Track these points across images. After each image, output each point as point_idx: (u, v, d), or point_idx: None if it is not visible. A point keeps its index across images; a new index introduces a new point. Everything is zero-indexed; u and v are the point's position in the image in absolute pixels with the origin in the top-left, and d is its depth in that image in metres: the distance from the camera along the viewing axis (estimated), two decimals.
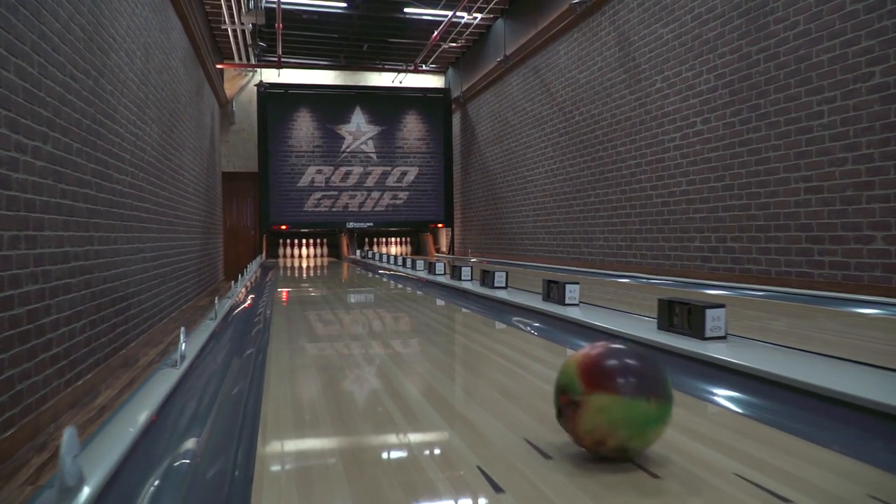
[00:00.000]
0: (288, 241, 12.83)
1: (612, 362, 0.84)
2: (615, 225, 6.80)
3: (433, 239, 13.58)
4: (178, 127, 7.46)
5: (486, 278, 3.43)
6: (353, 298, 3.85)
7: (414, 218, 12.40)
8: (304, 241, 12.91)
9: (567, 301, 2.54)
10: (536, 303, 2.66)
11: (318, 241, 13.18)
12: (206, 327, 2.18)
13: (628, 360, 0.84)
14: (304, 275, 7.03)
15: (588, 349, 0.88)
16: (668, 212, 5.87)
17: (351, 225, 12.20)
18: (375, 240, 13.70)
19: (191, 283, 8.24)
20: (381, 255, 9.03)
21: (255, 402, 1.27)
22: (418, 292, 4.03)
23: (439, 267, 4.82)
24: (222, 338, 2.18)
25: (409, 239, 13.80)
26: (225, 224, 13.11)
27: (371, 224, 12.26)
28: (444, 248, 13.74)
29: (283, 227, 11.99)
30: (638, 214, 6.36)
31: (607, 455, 0.86)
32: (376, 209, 12.30)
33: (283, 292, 4.43)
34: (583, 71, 7.47)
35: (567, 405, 0.85)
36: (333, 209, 12.17)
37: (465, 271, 3.99)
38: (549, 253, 8.42)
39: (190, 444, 1.07)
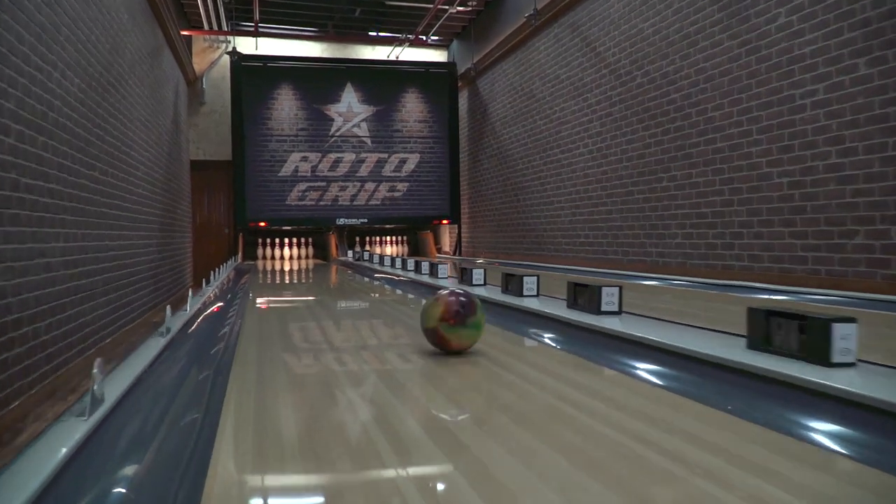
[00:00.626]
0: (268, 240, 11.08)
1: (457, 308, 1.65)
2: (705, 217, 5.12)
3: (434, 238, 11.91)
4: (121, 89, 5.68)
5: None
6: (342, 306, 3.44)
7: (415, 213, 10.68)
8: (286, 240, 11.16)
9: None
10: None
11: (304, 240, 11.46)
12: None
13: (464, 302, 1.67)
14: (286, 279, 6.36)
15: (445, 297, 1.68)
16: (803, 195, 4.21)
17: (341, 221, 10.44)
18: (368, 239, 12.02)
19: (144, 294, 6.45)
20: (375, 256, 7.86)
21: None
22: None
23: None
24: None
25: (405, 238, 12.13)
26: (194, 221, 11.29)
27: (365, 220, 10.52)
28: (447, 249, 12.04)
29: (262, 224, 10.21)
30: (746, 202, 4.69)
31: (456, 350, 1.73)
32: (371, 203, 10.56)
33: (259, 300, 3.84)
34: (649, 18, 5.79)
35: (434, 333, 1.70)
36: (321, 203, 10.41)
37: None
38: (597, 254, 6.74)
39: None
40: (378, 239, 12.28)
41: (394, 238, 12.32)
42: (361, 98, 10.49)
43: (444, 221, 10.78)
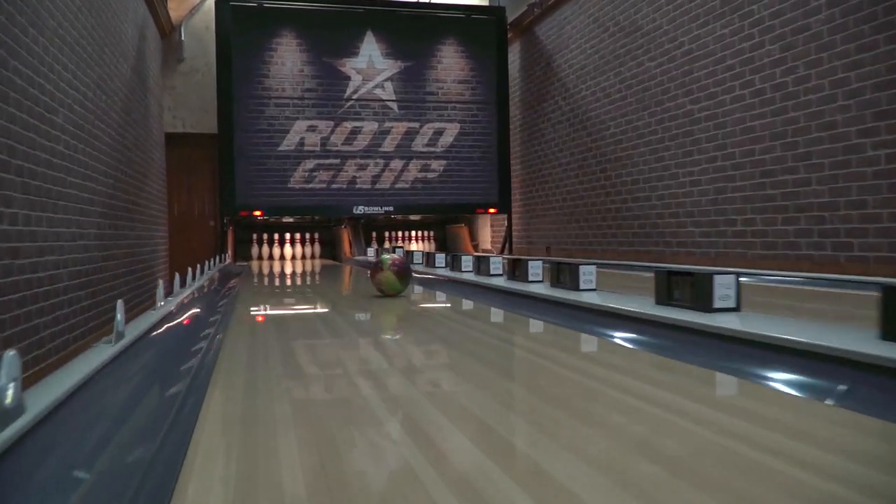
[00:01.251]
0: (264, 235, 8.73)
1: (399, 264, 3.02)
2: None
3: (469, 232, 9.57)
4: (30, 11, 3.31)
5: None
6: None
7: (454, 199, 8.31)
8: (287, 235, 8.82)
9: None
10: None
11: (309, 236, 9.14)
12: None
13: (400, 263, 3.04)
14: (287, 283, 5.17)
15: (394, 260, 3.06)
16: None
17: (360, 210, 8.06)
18: (388, 234, 9.72)
19: (69, 314, 4.08)
20: (412, 254, 5.94)
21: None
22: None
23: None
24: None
25: (432, 233, 9.79)
26: (171, 211, 8.90)
27: (390, 209, 8.14)
28: (486, 246, 9.67)
29: (257, 213, 7.83)
30: None
31: (385, 292, 3.03)
32: (398, 186, 8.18)
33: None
34: None
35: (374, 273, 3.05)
36: (333, 186, 8.03)
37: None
38: (773, 249, 4.36)
39: None
40: (400, 234, 9.98)
41: (420, 233, 10.04)
42: (385, 51, 8.11)
43: (491, 210, 8.41)
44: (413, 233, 10.01)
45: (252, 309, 3.10)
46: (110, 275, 5.25)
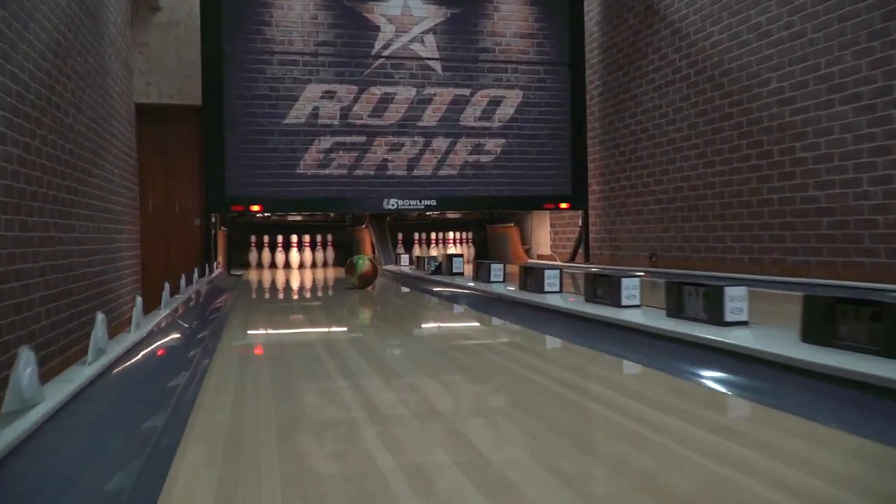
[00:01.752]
0: (265, 238, 6.80)
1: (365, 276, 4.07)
2: None
3: (520, 234, 7.63)
4: None
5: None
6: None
7: (515, 191, 6.30)
8: (294, 238, 6.90)
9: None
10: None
11: (321, 238, 7.24)
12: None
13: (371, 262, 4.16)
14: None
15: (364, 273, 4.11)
16: None
17: (392, 204, 6.05)
18: (417, 236, 7.81)
19: None
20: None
21: None
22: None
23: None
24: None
25: (469, 235, 7.86)
26: (144, 206, 6.89)
27: (433, 202, 6.13)
28: (543, 251, 7.69)
29: (256, 208, 5.83)
30: None
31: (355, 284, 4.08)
32: (442, 174, 6.17)
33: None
34: None
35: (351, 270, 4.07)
36: (356, 172, 6.02)
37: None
38: None
39: None
40: (434, 236, 8.02)
41: (458, 235, 8.10)
42: None
43: (563, 206, 6.40)
44: (452, 234, 8.04)
45: (242, 339, 2.40)
46: (46, 290, 3.25)
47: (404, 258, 6.16)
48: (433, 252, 7.90)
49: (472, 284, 3.64)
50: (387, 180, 6.02)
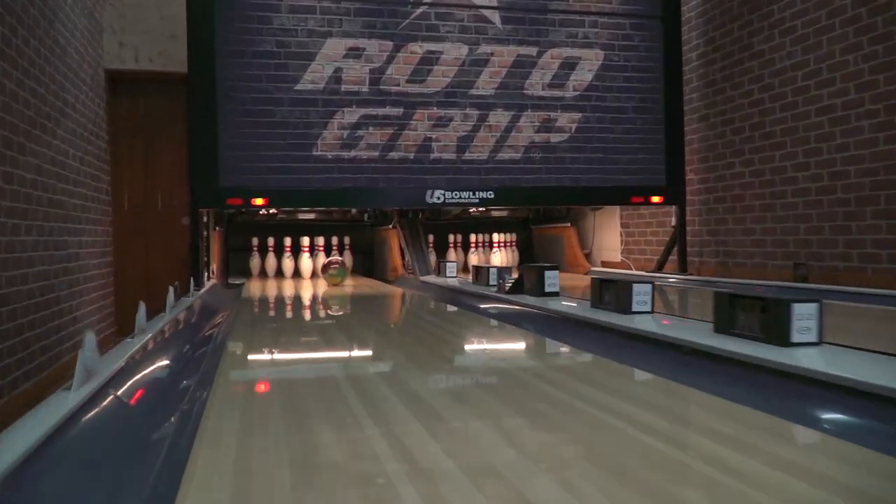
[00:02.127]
0: (269, 239, 5.43)
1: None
2: None
3: (578, 236, 6.27)
4: None
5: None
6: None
7: (593, 181, 4.87)
8: (306, 240, 5.55)
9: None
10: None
11: (337, 240, 5.93)
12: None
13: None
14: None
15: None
16: None
17: (438, 197, 4.62)
18: (452, 238, 6.52)
19: None
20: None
21: None
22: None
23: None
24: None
25: (513, 240, 6.53)
26: (118, 201, 5.48)
27: (490, 194, 4.69)
28: (611, 256, 6.31)
29: (259, 202, 4.40)
30: None
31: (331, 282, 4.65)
32: (502, 157, 4.73)
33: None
34: None
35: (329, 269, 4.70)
36: (392, 154, 4.59)
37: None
38: None
39: None
40: (475, 238, 6.70)
41: (503, 238, 6.76)
42: None
43: (654, 199, 4.95)
44: (496, 237, 6.64)
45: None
46: None
47: (450, 267, 4.75)
48: (473, 259, 6.51)
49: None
50: (431, 166, 4.58)
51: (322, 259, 6.40)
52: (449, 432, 1.26)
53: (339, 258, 5.30)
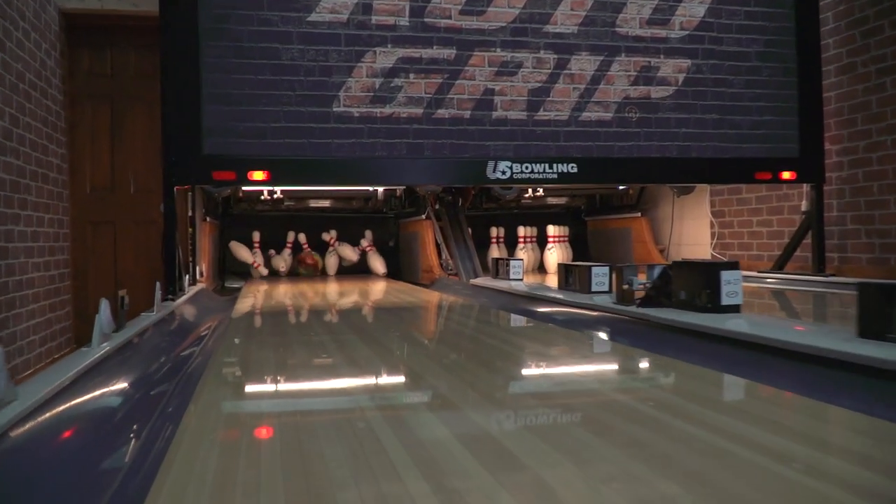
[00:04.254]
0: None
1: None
2: None
3: (650, 228, 5.08)
4: None
5: None
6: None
7: (707, 150, 3.62)
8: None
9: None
10: None
11: (354, 231, 4.77)
12: None
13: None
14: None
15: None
16: None
17: (502, 171, 3.37)
18: (496, 233, 5.33)
19: None
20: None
21: None
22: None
23: None
24: None
25: (566, 234, 5.34)
26: (78, 183, 4.26)
27: (573, 167, 3.43)
28: (698, 251, 5.10)
29: (259, 176, 3.16)
30: None
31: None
32: (587, 117, 3.49)
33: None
34: None
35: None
36: (439, 113, 3.34)
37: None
38: None
39: None
40: (524, 232, 5.60)
41: (559, 232, 5.62)
42: None
43: (785, 175, 3.71)
44: (552, 230, 5.44)
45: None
46: None
47: (515, 267, 3.56)
48: (521, 255, 5.32)
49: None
50: (492, 128, 3.35)
51: (333, 259, 5.22)
52: (524, 484, 0.86)
53: (315, 259, 5.07)
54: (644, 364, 1.81)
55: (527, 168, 3.34)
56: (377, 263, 5.20)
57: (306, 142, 3.15)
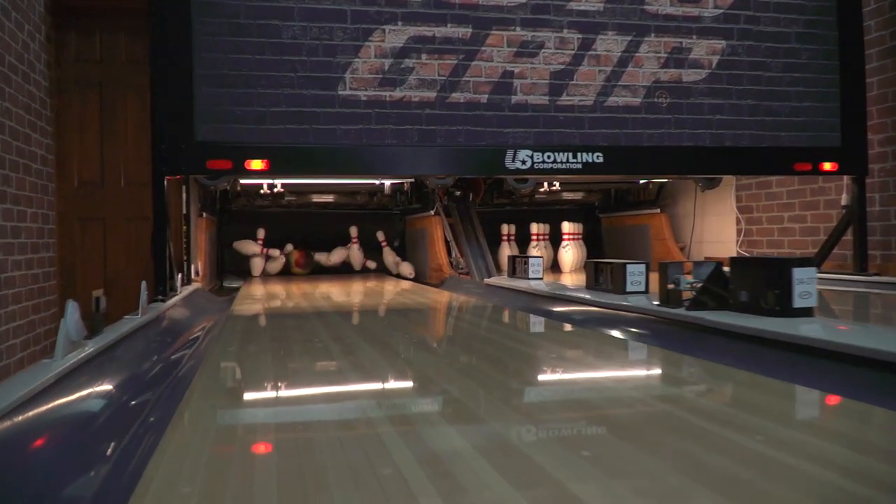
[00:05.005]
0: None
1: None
2: None
3: (669, 225, 4.80)
4: None
5: None
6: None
7: (743, 138, 3.34)
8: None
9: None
10: None
11: (363, 231, 4.49)
12: None
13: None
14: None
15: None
16: None
17: (522, 160, 3.09)
18: (507, 229, 5.00)
19: None
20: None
21: None
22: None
23: None
24: None
25: (580, 231, 5.02)
26: (65, 176, 3.99)
27: (598, 157, 3.16)
28: (722, 250, 4.82)
29: (257, 165, 2.88)
30: None
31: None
32: (613, 103, 3.21)
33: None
34: None
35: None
36: (453, 96, 3.06)
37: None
38: None
39: None
40: (537, 229, 5.33)
41: (574, 229, 5.34)
42: None
43: (826, 167, 3.43)
44: (567, 227, 5.17)
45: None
46: None
47: (534, 265, 3.29)
48: (535, 252, 5.06)
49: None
50: (512, 114, 3.08)
51: (337, 255, 4.97)
52: None
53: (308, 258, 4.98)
54: (698, 372, 1.54)
55: (549, 157, 3.07)
56: (404, 266, 4.94)
57: (309, 128, 2.88)
